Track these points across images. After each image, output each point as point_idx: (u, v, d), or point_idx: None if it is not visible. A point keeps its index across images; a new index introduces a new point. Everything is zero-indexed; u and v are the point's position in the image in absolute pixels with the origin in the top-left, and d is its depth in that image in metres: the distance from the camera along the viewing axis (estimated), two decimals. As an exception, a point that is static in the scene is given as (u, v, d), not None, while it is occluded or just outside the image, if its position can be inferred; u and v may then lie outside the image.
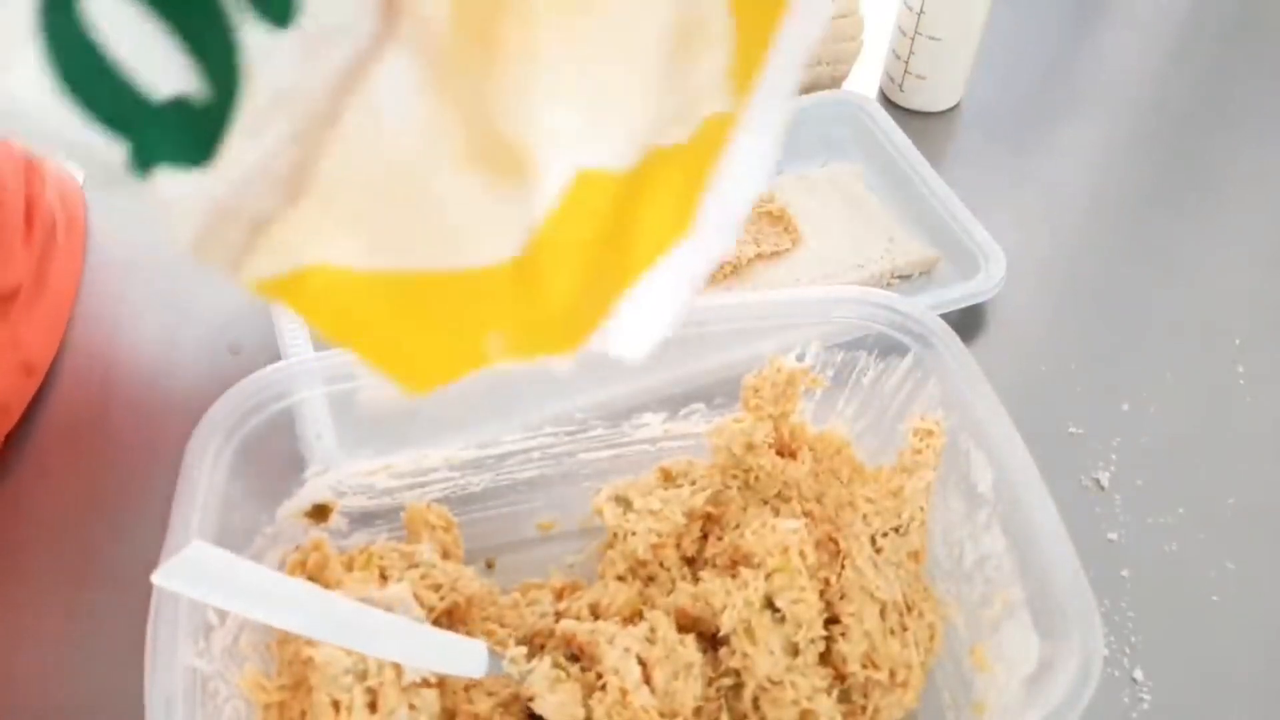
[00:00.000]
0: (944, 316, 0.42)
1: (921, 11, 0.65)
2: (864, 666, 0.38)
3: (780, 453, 0.44)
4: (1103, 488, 0.50)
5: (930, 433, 0.40)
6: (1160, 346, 0.57)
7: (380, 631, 0.35)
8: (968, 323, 0.56)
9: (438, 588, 0.39)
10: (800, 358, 0.43)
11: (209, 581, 0.32)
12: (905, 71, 0.68)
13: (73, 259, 0.55)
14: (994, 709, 0.37)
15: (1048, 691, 0.33)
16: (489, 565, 0.46)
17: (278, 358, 0.50)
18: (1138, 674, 0.44)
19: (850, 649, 0.38)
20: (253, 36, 0.15)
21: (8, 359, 0.48)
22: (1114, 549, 0.48)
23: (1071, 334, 0.58)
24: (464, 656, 0.36)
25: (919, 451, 0.40)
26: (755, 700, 0.38)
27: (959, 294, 0.55)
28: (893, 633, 0.39)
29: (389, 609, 0.37)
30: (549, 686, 0.36)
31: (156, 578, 0.31)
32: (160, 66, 0.15)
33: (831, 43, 0.67)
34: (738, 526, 0.42)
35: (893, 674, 0.38)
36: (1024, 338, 0.57)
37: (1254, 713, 0.44)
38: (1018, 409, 0.39)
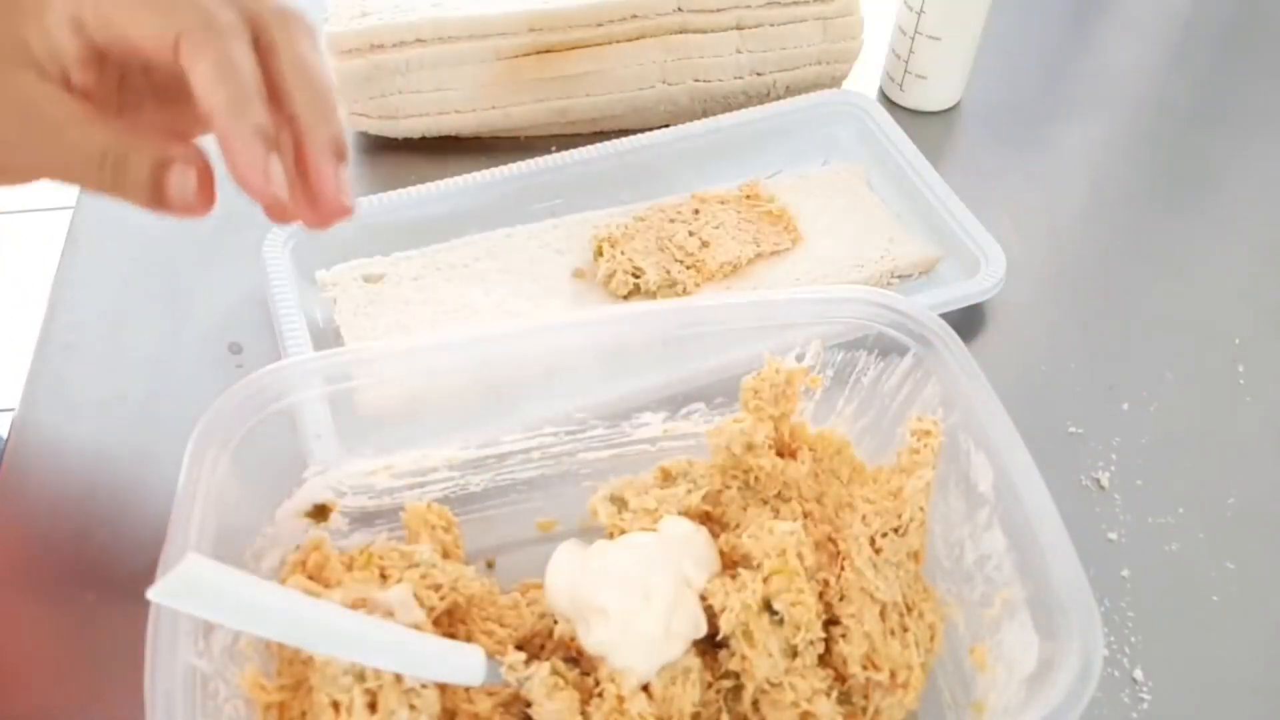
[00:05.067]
0: (944, 316, 0.42)
1: (921, 11, 0.65)
2: (864, 668, 0.38)
3: (780, 453, 0.44)
4: (1103, 488, 0.50)
5: (928, 432, 0.40)
6: (1161, 346, 0.57)
7: (378, 642, 0.35)
8: (968, 323, 0.56)
9: (438, 588, 0.39)
10: (800, 358, 0.43)
11: (205, 596, 0.32)
12: (905, 71, 0.68)
13: None
14: (994, 709, 0.37)
15: (1048, 691, 0.33)
16: (489, 565, 0.46)
17: (278, 358, 0.50)
18: (1138, 674, 0.44)
19: (850, 650, 0.38)
20: None
21: None
22: (1114, 549, 0.48)
23: (1071, 334, 0.58)
24: (462, 664, 0.36)
25: (917, 451, 0.40)
26: (755, 702, 0.38)
27: (959, 294, 0.55)
28: (893, 633, 0.39)
29: (389, 609, 0.37)
30: (546, 694, 0.36)
31: (152, 594, 0.31)
32: None
33: (831, 43, 0.67)
34: (737, 526, 0.42)
35: (893, 675, 0.38)
36: (1024, 338, 0.57)
37: (1254, 713, 0.44)
38: (1018, 409, 0.39)
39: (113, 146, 0.29)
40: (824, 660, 0.39)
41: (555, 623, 0.40)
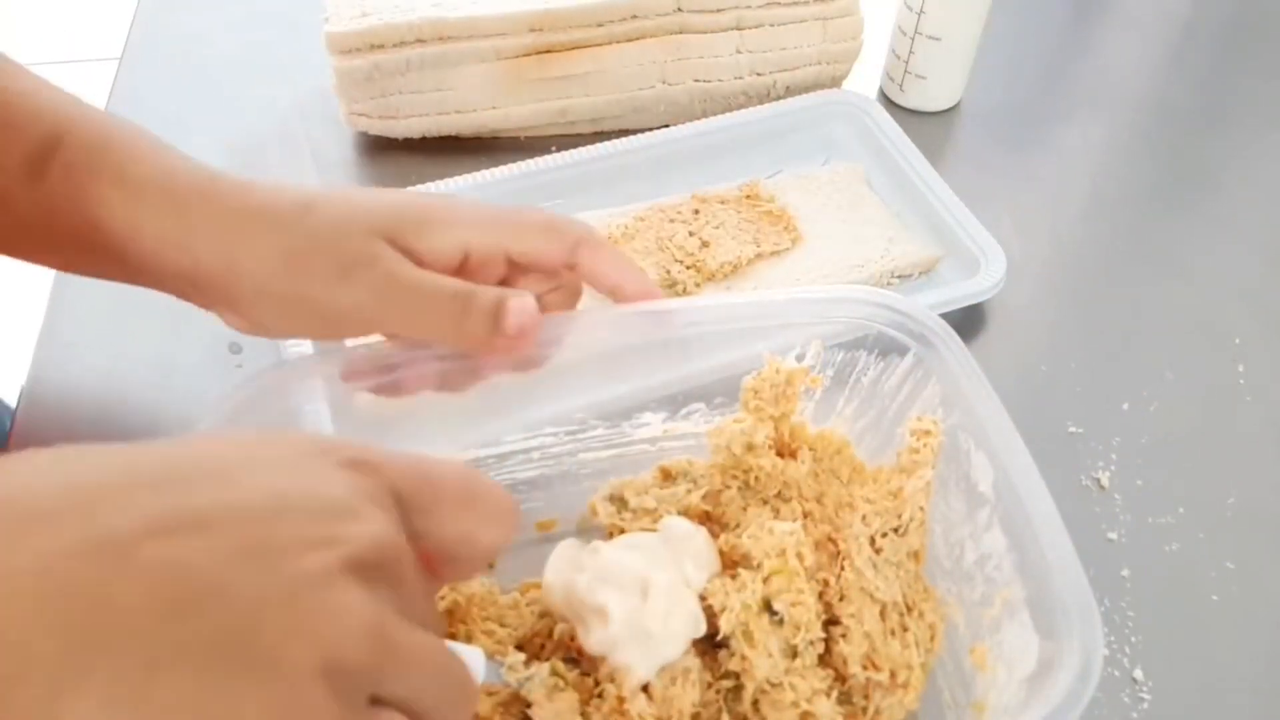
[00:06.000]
0: (944, 316, 0.42)
1: (921, 11, 0.65)
2: (864, 668, 0.38)
3: (780, 453, 0.44)
4: (1103, 488, 0.50)
5: (928, 432, 0.40)
6: (1160, 346, 0.57)
7: None
8: (968, 323, 0.56)
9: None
10: (800, 357, 0.43)
11: None
12: (905, 71, 0.68)
13: None
14: (994, 708, 0.37)
15: (1048, 691, 0.33)
16: (489, 565, 0.46)
17: (278, 358, 0.50)
18: (1138, 674, 0.44)
19: (850, 650, 0.38)
20: None
21: None
22: (1114, 549, 0.48)
23: (1071, 334, 0.58)
24: None
25: (917, 451, 0.40)
26: (755, 702, 0.38)
27: (959, 294, 0.55)
28: (893, 633, 0.39)
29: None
30: (546, 694, 0.36)
31: None
32: None
33: (831, 43, 0.67)
34: (737, 526, 0.42)
35: (893, 675, 0.38)
36: (1024, 338, 0.57)
37: (1254, 713, 0.44)
38: (1018, 409, 0.39)
39: (462, 288, 0.37)
40: (824, 660, 0.39)
41: (555, 623, 0.40)
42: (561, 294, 0.42)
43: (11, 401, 0.51)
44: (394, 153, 0.65)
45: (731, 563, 0.41)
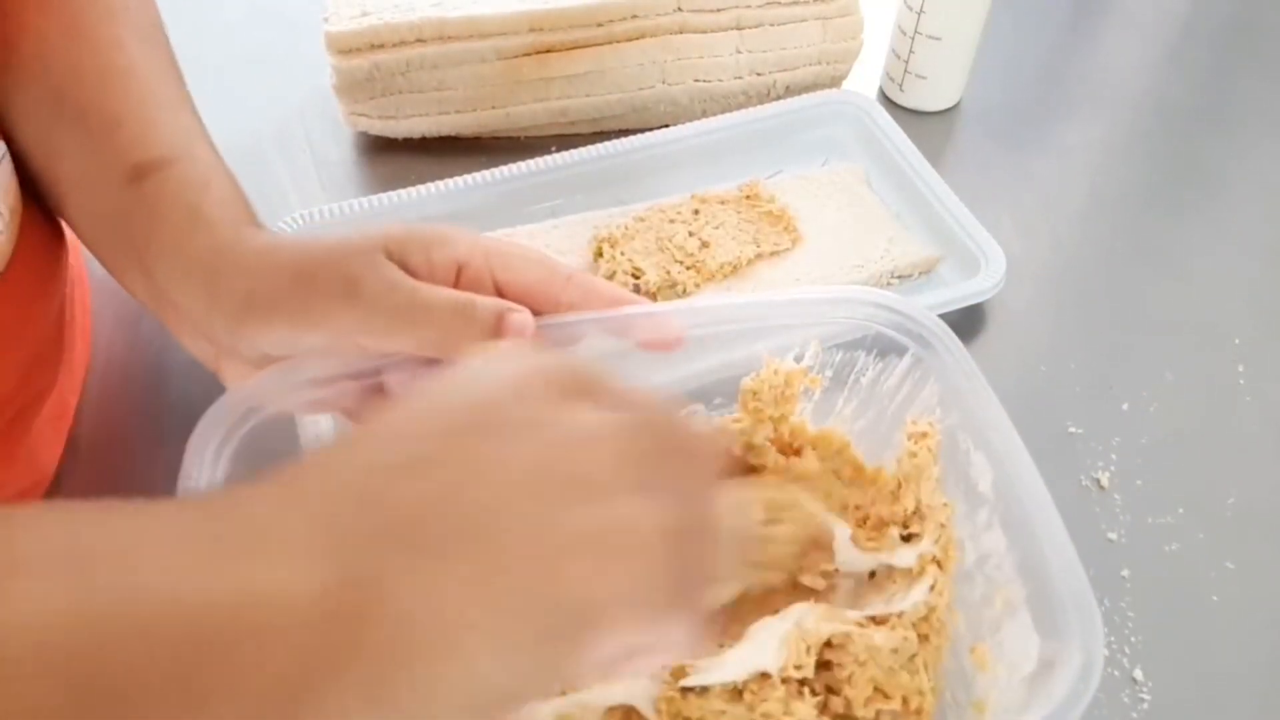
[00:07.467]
0: (944, 316, 0.42)
1: (921, 11, 0.65)
2: (869, 702, 0.37)
3: (783, 452, 0.44)
4: (1103, 488, 0.50)
5: (924, 434, 0.40)
6: (1160, 346, 0.57)
7: None
8: (968, 323, 0.56)
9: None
10: (799, 358, 0.43)
11: None
12: (905, 71, 0.68)
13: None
14: (994, 708, 0.37)
15: (1048, 691, 0.33)
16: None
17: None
18: (1138, 674, 0.44)
19: (855, 694, 0.37)
20: None
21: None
22: (1114, 549, 0.48)
23: (1071, 334, 0.58)
24: None
25: (915, 455, 0.40)
26: None
27: (959, 294, 0.55)
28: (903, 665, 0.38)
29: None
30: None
31: None
32: None
33: (831, 43, 0.67)
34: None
35: (905, 701, 0.38)
36: (1024, 338, 0.57)
37: (1254, 713, 0.44)
38: (1018, 409, 0.39)
39: (462, 297, 0.38)
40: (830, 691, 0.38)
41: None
42: None
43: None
44: (394, 153, 0.65)
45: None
